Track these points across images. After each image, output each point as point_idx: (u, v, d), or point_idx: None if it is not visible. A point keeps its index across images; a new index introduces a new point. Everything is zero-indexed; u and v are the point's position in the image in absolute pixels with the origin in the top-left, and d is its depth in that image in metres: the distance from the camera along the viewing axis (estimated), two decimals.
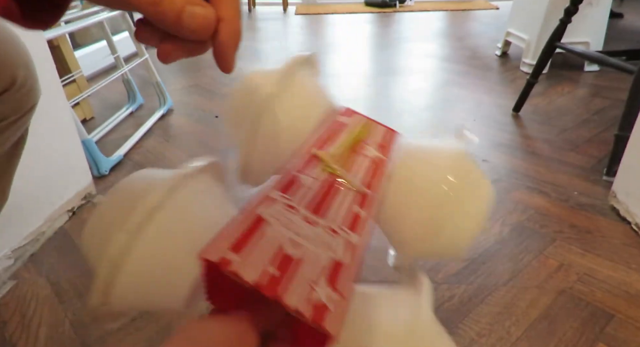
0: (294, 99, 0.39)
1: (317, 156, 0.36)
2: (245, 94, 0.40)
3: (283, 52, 2.36)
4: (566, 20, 1.29)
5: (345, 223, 0.31)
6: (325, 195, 0.33)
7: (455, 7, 3.49)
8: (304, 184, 0.33)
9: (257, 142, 0.38)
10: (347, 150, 0.38)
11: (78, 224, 0.95)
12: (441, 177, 0.35)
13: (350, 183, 0.35)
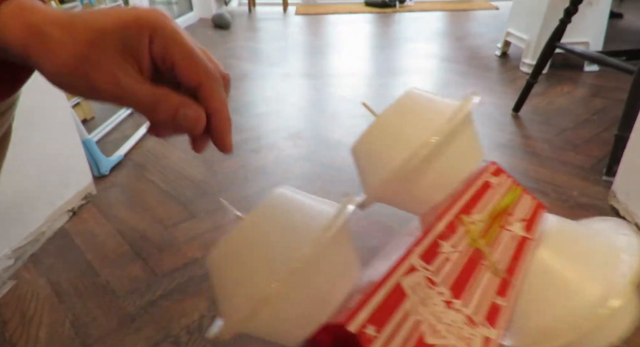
0: (450, 149, 0.37)
1: (462, 222, 0.34)
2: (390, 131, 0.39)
3: (283, 52, 2.36)
4: (566, 20, 1.29)
5: (484, 313, 0.29)
6: (468, 274, 0.31)
7: (455, 7, 3.49)
8: (447, 256, 0.31)
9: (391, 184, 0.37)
10: (493, 221, 0.35)
11: (78, 224, 0.95)
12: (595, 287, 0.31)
13: (494, 266, 0.32)
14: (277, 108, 1.59)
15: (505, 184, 0.40)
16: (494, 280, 0.31)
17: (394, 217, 0.94)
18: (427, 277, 0.29)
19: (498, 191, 0.39)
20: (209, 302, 0.74)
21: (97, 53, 0.25)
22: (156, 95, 0.26)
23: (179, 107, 0.26)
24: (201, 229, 0.92)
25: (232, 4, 3.79)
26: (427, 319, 0.27)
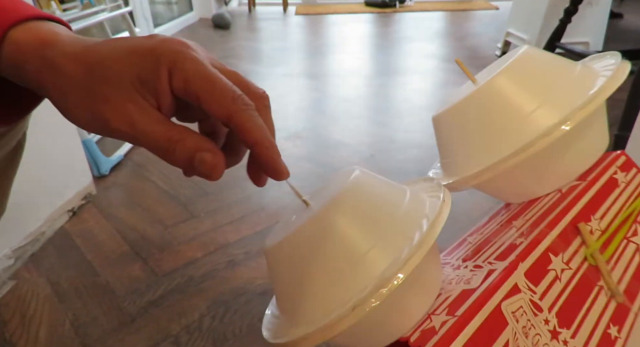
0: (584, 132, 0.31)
1: (580, 232, 0.28)
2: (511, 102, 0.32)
3: (283, 52, 2.36)
4: (566, 20, 1.29)
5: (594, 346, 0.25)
6: (580, 299, 0.26)
7: (455, 7, 3.49)
8: (557, 275, 0.26)
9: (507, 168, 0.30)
10: (617, 230, 0.29)
11: (78, 224, 0.95)
12: None
13: (610, 287, 0.27)
14: (277, 108, 1.59)
15: (635, 181, 0.32)
16: (609, 306, 0.26)
17: None
18: (532, 301, 0.25)
19: (627, 190, 0.31)
20: (209, 302, 0.74)
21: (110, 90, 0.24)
22: (172, 137, 0.25)
23: (196, 151, 0.24)
24: (201, 229, 0.92)
25: (232, 4, 3.79)
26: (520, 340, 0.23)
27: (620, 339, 0.25)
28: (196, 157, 0.24)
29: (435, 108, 0.34)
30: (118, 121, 0.24)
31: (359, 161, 1.19)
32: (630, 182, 0.32)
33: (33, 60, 0.24)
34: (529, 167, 0.30)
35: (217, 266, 0.82)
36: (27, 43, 0.24)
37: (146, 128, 0.24)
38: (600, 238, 0.28)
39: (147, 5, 2.48)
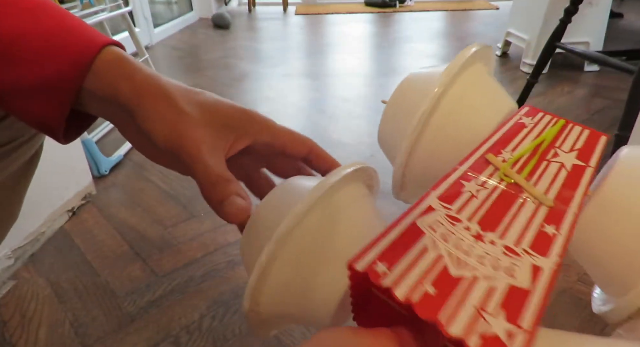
0: (465, 98, 0.34)
1: (490, 162, 0.31)
2: (406, 95, 0.37)
3: (283, 52, 2.36)
4: (566, 20, 1.29)
5: (529, 243, 0.25)
6: (502, 208, 0.27)
7: (455, 7, 3.49)
8: (472, 195, 0.28)
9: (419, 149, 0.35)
10: (532, 156, 0.32)
11: (78, 224, 0.95)
12: None
13: (536, 195, 0.28)
14: (277, 108, 1.59)
15: (543, 120, 0.36)
16: (542, 211, 0.27)
17: (394, 217, 0.94)
18: (449, 215, 0.26)
19: (535, 129, 0.35)
20: (209, 302, 0.74)
21: (202, 123, 0.29)
22: (221, 176, 0.30)
23: (232, 194, 0.29)
24: (201, 229, 0.92)
25: (232, 4, 3.79)
26: (450, 253, 0.24)
27: (559, 235, 0.26)
28: (229, 199, 0.29)
29: None
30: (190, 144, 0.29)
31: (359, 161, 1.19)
32: (538, 123, 0.36)
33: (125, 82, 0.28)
34: None
35: (217, 266, 0.82)
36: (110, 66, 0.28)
37: (208, 160, 0.29)
38: (509, 161, 0.31)
39: (147, 5, 2.48)
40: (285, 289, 0.27)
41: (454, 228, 0.25)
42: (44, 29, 0.27)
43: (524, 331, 0.20)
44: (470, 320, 0.20)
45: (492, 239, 0.25)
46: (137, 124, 0.29)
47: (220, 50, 2.40)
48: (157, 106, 0.28)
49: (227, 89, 1.78)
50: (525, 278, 0.23)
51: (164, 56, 2.33)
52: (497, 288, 0.22)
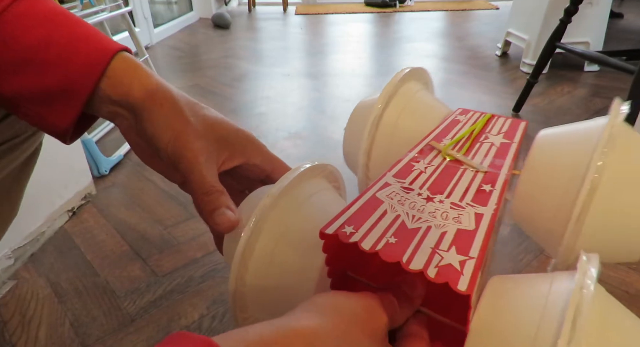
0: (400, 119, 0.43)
1: (434, 147, 0.38)
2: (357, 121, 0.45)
3: (283, 52, 2.36)
4: (566, 20, 1.29)
5: (471, 199, 0.31)
6: (446, 178, 0.34)
7: (455, 7, 3.49)
8: (421, 171, 0.35)
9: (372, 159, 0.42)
10: (467, 140, 0.39)
11: (78, 224, 0.95)
12: (587, 157, 0.28)
13: (473, 165, 0.35)
14: (277, 108, 1.59)
15: (474, 116, 0.45)
16: (477, 176, 0.34)
17: None
18: (403, 187, 0.32)
19: (468, 123, 0.43)
20: (209, 302, 0.74)
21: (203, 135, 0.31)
22: (214, 187, 0.31)
23: (222, 206, 0.31)
24: (201, 229, 0.92)
25: (232, 4, 3.79)
26: (406, 212, 0.29)
27: (495, 190, 0.32)
28: (220, 209, 0.31)
29: None
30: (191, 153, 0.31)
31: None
32: (470, 118, 0.44)
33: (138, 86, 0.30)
34: None
35: (217, 266, 0.82)
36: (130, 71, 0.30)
37: (204, 171, 0.31)
38: (449, 144, 0.39)
39: (147, 5, 2.48)
40: (268, 261, 0.30)
41: (408, 195, 0.31)
42: (62, 37, 0.29)
43: (473, 258, 0.24)
44: (427, 257, 0.24)
45: (441, 199, 0.31)
46: (141, 127, 0.31)
47: (220, 50, 2.40)
48: (165, 113, 0.30)
49: (227, 89, 1.78)
50: (470, 223, 0.28)
51: (164, 56, 2.33)
52: (448, 232, 0.27)
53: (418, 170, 0.35)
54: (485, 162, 0.36)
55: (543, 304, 0.22)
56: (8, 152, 0.42)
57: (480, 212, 0.29)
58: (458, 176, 0.34)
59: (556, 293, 0.22)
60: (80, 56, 0.29)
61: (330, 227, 0.27)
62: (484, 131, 0.42)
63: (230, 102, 1.66)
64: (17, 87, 0.28)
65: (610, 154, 0.26)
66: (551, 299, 0.22)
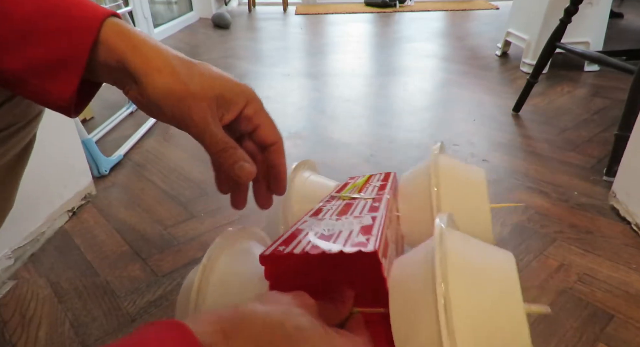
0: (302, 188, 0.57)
1: (335, 197, 0.51)
2: None
3: (283, 52, 2.36)
4: (566, 20, 1.29)
5: (367, 211, 0.43)
6: (347, 207, 0.46)
7: (455, 7, 3.49)
8: (328, 209, 0.46)
9: (289, 213, 0.53)
10: (356, 189, 0.53)
11: (78, 224, 0.95)
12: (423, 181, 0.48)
13: (364, 197, 0.48)
14: (277, 108, 1.59)
15: (359, 178, 0.58)
16: (368, 201, 0.47)
17: None
18: (317, 218, 0.43)
19: (353, 181, 0.58)
20: None
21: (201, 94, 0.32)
22: (229, 143, 0.34)
23: (241, 159, 0.34)
24: (201, 229, 0.92)
25: (232, 4, 3.79)
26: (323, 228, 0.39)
27: (381, 206, 0.44)
28: (239, 163, 0.34)
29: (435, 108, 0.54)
30: (198, 116, 0.32)
31: (359, 161, 1.19)
32: (356, 178, 0.58)
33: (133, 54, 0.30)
34: None
35: None
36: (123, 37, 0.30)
37: (214, 130, 0.33)
38: (346, 190, 0.53)
39: (147, 5, 2.48)
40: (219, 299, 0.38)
41: (322, 221, 0.41)
42: (49, 8, 0.28)
43: (374, 235, 0.35)
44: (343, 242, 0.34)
45: (346, 217, 0.42)
46: (145, 93, 0.31)
47: (220, 50, 2.40)
48: (165, 81, 0.31)
49: None
50: (368, 220, 0.40)
51: None
52: (354, 230, 0.37)
53: (327, 209, 0.46)
54: (371, 194, 0.50)
55: (423, 258, 0.31)
56: (4, 141, 0.41)
57: (374, 215, 0.41)
58: (355, 204, 0.46)
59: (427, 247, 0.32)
60: (75, 23, 0.28)
61: (267, 251, 0.35)
62: (367, 182, 0.55)
63: None
64: (25, 60, 0.28)
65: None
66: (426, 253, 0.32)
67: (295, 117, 1.51)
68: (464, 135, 1.33)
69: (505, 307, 0.28)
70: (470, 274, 0.29)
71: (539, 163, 1.16)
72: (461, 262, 0.29)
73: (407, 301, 0.30)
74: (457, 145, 1.26)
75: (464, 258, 0.30)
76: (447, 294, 0.26)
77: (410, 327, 0.29)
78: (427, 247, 0.32)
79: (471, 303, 0.27)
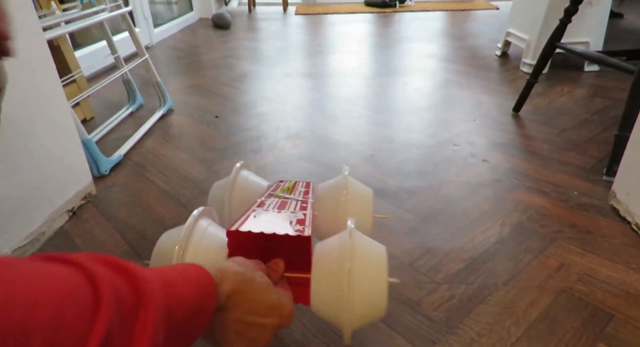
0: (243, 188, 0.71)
1: (272, 195, 0.68)
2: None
3: (283, 52, 2.36)
4: (566, 20, 1.29)
5: (298, 209, 0.62)
6: (283, 205, 0.64)
7: (455, 7, 3.49)
8: (270, 203, 0.64)
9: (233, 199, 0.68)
10: (287, 191, 0.70)
11: (78, 224, 0.95)
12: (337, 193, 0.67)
13: (294, 197, 0.67)
14: (277, 108, 1.59)
15: (287, 183, 0.73)
16: (298, 202, 0.65)
17: (393, 217, 0.94)
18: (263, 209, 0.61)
19: (284, 186, 0.72)
20: None
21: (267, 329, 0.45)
22: None
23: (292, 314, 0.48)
24: None
25: (232, 4, 3.79)
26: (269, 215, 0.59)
27: (308, 204, 0.64)
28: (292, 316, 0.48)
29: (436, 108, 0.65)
30: None
31: (359, 161, 1.19)
32: (285, 183, 0.74)
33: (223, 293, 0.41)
34: None
35: None
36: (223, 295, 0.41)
37: None
38: (280, 191, 0.69)
39: (147, 5, 2.48)
40: None
41: (268, 212, 0.60)
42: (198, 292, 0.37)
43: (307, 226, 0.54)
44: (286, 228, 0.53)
45: (285, 212, 0.60)
46: None
47: (220, 50, 2.40)
48: None
49: (227, 89, 1.79)
50: (301, 216, 0.58)
51: (164, 56, 2.33)
52: (292, 221, 0.56)
53: (268, 204, 0.63)
54: (299, 196, 0.67)
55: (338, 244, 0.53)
56: None
57: (305, 212, 0.61)
58: (289, 203, 0.64)
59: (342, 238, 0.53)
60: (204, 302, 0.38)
61: (232, 227, 0.53)
62: (295, 187, 0.71)
63: (230, 102, 1.66)
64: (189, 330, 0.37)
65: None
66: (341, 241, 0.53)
67: (295, 117, 1.51)
68: (464, 135, 1.33)
69: (378, 276, 0.50)
70: (364, 256, 0.50)
71: (538, 163, 1.16)
72: (360, 249, 0.51)
73: (325, 269, 0.51)
74: (457, 145, 1.26)
75: (362, 247, 0.52)
76: (352, 267, 0.48)
77: (324, 286, 0.50)
78: (341, 238, 0.53)
79: (362, 273, 0.49)
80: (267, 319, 0.44)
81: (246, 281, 0.43)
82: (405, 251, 0.85)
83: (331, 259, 0.51)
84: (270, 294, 0.45)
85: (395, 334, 0.67)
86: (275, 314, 0.45)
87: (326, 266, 0.51)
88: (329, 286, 0.49)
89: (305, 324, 0.69)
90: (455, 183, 1.07)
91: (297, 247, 0.52)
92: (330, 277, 0.49)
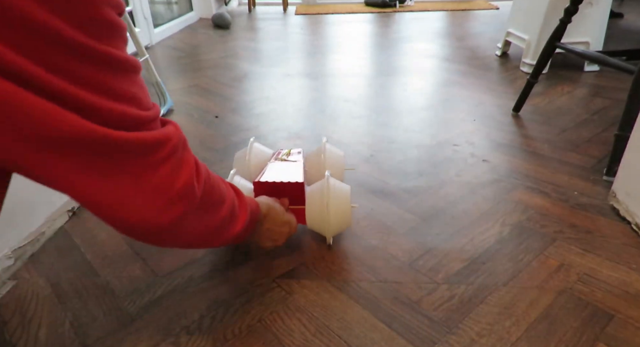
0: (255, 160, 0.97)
1: (277, 159, 0.95)
2: None
3: (283, 52, 2.36)
4: (566, 20, 1.28)
5: (295, 166, 0.90)
6: (285, 164, 0.91)
7: (455, 7, 3.48)
8: (278, 158, 0.95)
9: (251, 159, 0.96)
10: (286, 156, 0.96)
11: (78, 224, 0.95)
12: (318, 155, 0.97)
13: (292, 160, 0.94)
14: (277, 108, 1.59)
15: (284, 150, 1.00)
16: (299, 163, 0.93)
17: (393, 217, 0.94)
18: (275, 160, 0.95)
19: (284, 152, 0.98)
20: (209, 302, 0.74)
21: None
22: None
23: None
24: None
25: (232, 4, 3.79)
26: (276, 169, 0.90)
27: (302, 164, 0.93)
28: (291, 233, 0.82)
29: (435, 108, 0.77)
30: None
31: (359, 161, 1.19)
32: (284, 149, 1.01)
33: None
34: None
35: (217, 266, 0.82)
36: None
37: None
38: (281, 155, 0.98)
39: (147, 5, 2.48)
40: None
41: (278, 162, 0.94)
42: (255, 212, 0.70)
43: (302, 176, 0.86)
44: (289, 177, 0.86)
45: (289, 164, 0.92)
46: None
47: (220, 50, 2.40)
48: None
49: (227, 89, 1.78)
50: (298, 170, 0.90)
51: (164, 56, 2.33)
52: (292, 173, 0.88)
53: (278, 158, 0.95)
54: (295, 159, 0.95)
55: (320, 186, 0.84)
56: None
57: (300, 168, 0.90)
58: (289, 162, 0.93)
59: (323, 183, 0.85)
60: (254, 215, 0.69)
61: (257, 179, 0.84)
62: (291, 153, 0.97)
63: (230, 102, 1.66)
64: None
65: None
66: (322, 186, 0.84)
67: (295, 117, 1.51)
68: (464, 135, 1.33)
69: (345, 203, 0.82)
70: (336, 193, 0.81)
71: (538, 163, 1.16)
72: (333, 189, 0.82)
73: (313, 202, 0.83)
74: (457, 145, 1.26)
75: (334, 188, 0.82)
76: (328, 200, 0.80)
77: (313, 212, 0.83)
78: (321, 183, 0.83)
79: (335, 203, 0.80)
80: (283, 228, 0.77)
81: (272, 208, 0.74)
82: (405, 251, 0.85)
83: (316, 196, 0.82)
84: (285, 215, 0.78)
85: (395, 334, 0.67)
86: (287, 226, 0.78)
87: (313, 200, 0.83)
88: (316, 212, 0.82)
89: (305, 324, 0.69)
90: (456, 183, 1.07)
91: (295, 189, 0.84)
92: (317, 206, 0.81)
